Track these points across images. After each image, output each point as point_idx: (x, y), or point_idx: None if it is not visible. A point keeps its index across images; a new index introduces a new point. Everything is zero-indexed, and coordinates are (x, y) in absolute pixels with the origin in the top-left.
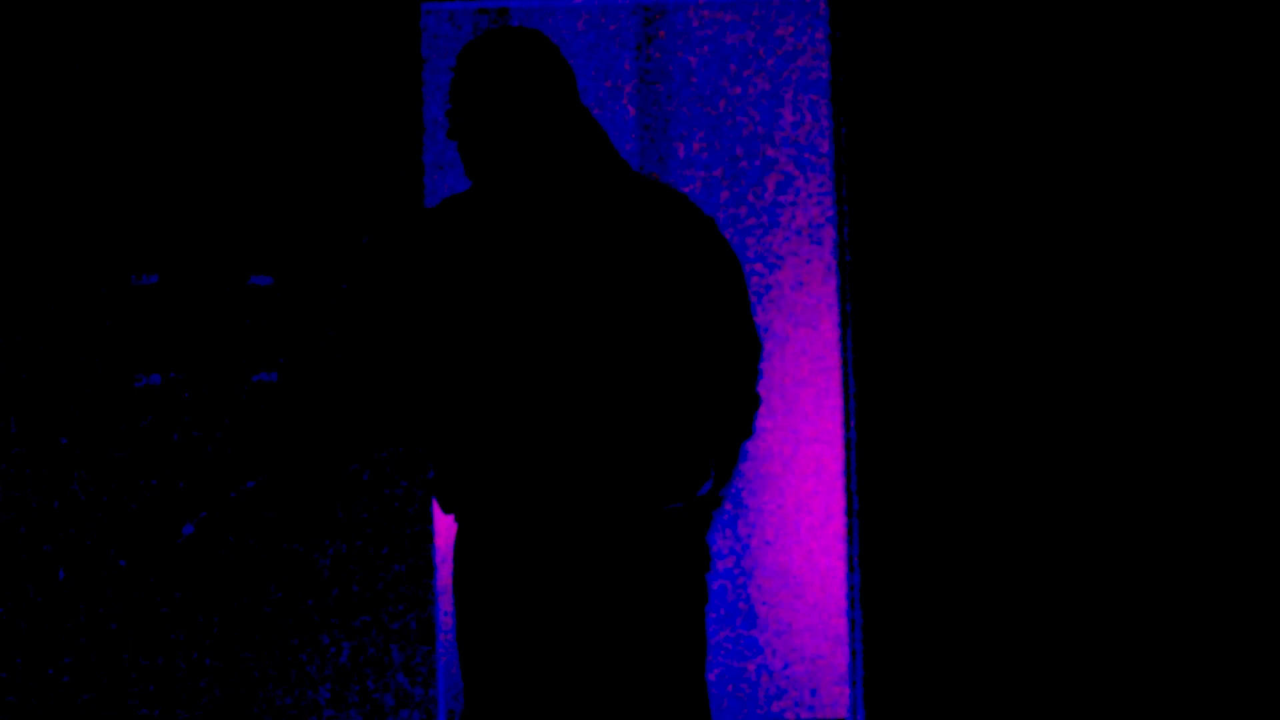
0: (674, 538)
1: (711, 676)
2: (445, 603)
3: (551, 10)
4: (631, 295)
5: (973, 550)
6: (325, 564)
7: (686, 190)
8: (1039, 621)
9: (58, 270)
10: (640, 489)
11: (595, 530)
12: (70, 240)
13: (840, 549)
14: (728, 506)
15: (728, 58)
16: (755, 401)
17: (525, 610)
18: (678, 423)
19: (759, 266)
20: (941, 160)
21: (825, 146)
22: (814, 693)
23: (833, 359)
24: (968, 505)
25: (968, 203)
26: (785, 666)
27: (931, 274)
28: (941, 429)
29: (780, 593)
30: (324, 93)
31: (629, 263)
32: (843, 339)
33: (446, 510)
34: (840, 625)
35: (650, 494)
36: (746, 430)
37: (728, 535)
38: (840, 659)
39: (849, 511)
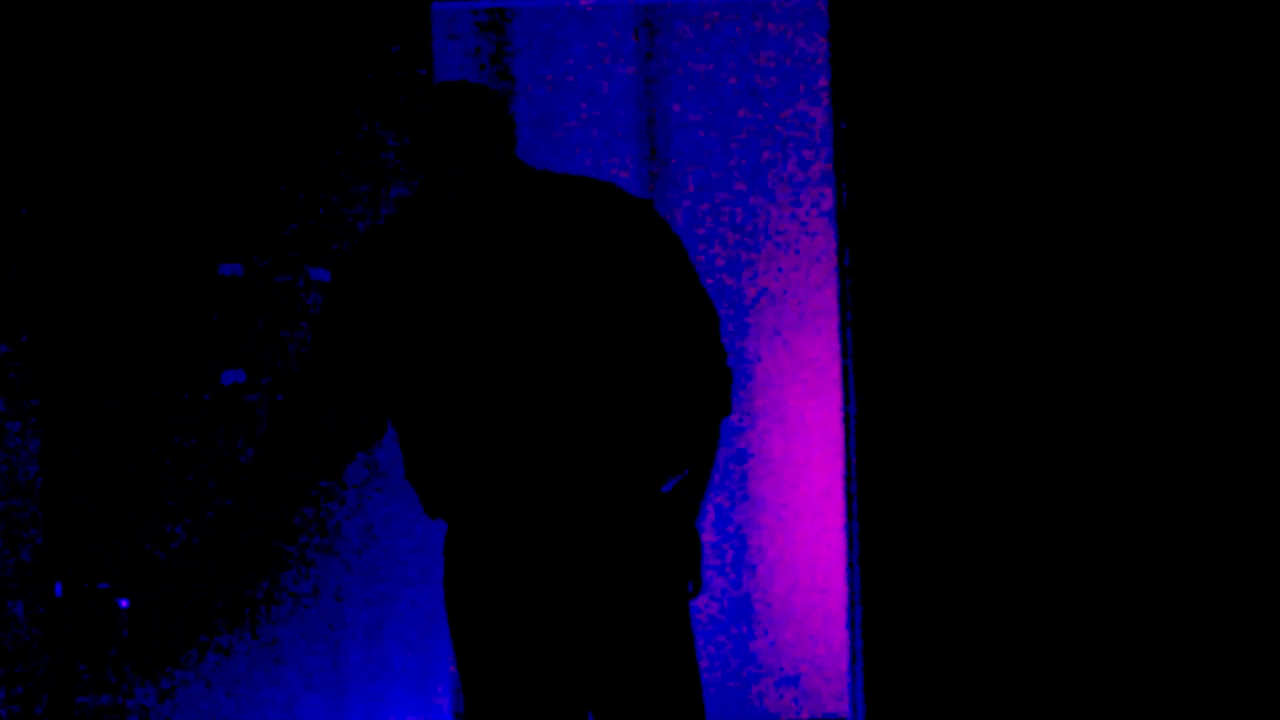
0: (662, 524)
1: (712, 676)
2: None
3: (551, 10)
4: (595, 282)
5: (973, 550)
6: (332, 559)
7: (687, 190)
8: (1039, 621)
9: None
10: (624, 473)
11: (582, 519)
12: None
13: (840, 549)
14: (726, 505)
15: (728, 58)
16: (728, 375)
17: (518, 604)
18: (654, 402)
19: (759, 266)
20: (941, 160)
21: (825, 146)
22: (814, 693)
23: (833, 359)
24: (968, 505)
25: (968, 203)
26: (785, 666)
27: (931, 274)
28: (941, 429)
29: (780, 591)
30: (337, 88)
31: (588, 251)
32: (843, 339)
33: (433, 516)
34: (840, 625)
35: (634, 477)
36: (725, 406)
37: (728, 533)
38: (840, 659)
39: (849, 511)
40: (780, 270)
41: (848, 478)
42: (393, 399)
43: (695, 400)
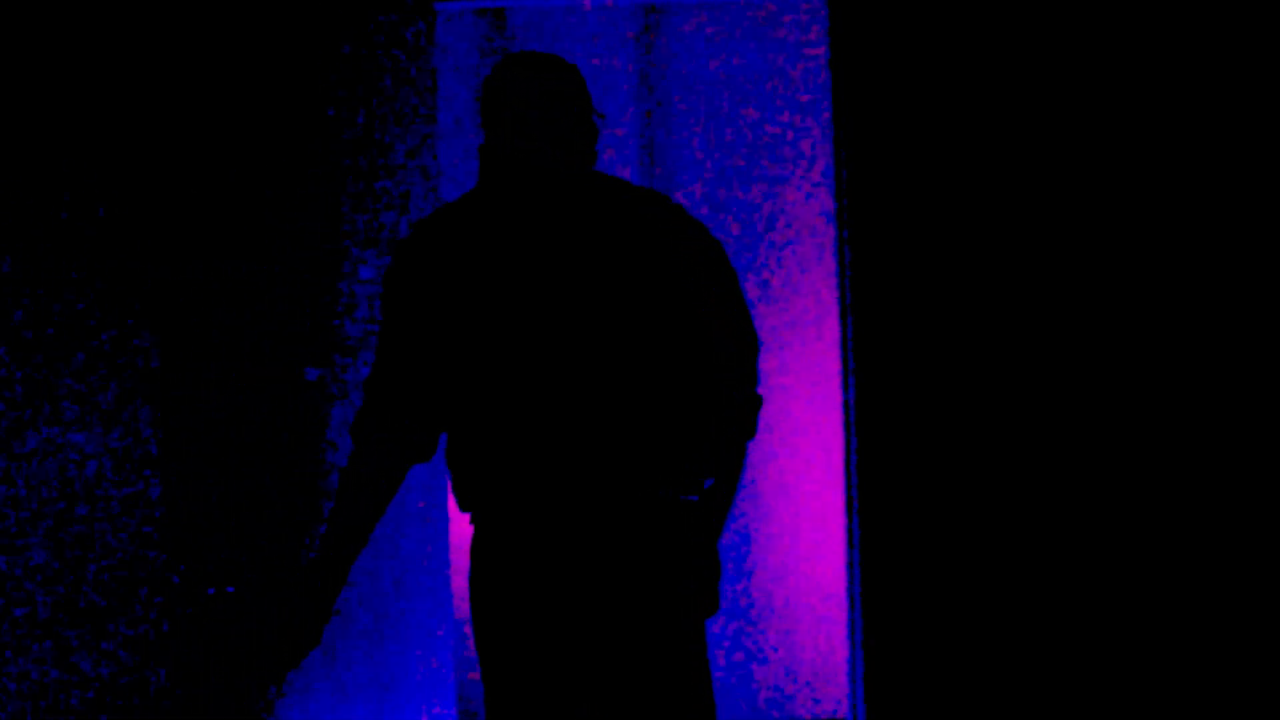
0: (684, 539)
1: (713, 677)
2: (460, 601)
3: (551, 10)
4: (640, 296)
5: (973, 550)
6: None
7: (686, 190)
8: (1039, 621)
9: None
10: (650, 485)
11: (608, 527)
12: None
13: (840, 549)
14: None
15: (728, 58)
16: (757, 401)
17: (542, 607)
18: (686, 420)
19: (759, 266)
20: (941, 160)
21: (825, 146)
22: (814, 693)
23: (833, 359)
24: (968, 505)
25: (968, 203)
26: (785, 666)
27: (931, 274)
28: (941, 429)
29: (780, 592)
30: (341, 88)
31: (636, 264)
32: (843, 339)
33: (464, 509)
34: (840, 625)
35: (660, 490)
36: (750, 429)
37: (728, 534)
38: (840, 659)
39: (849, 511)
40: (780, 270)
41: (848, 478)
42: (444, 386)
43: (726, 422)
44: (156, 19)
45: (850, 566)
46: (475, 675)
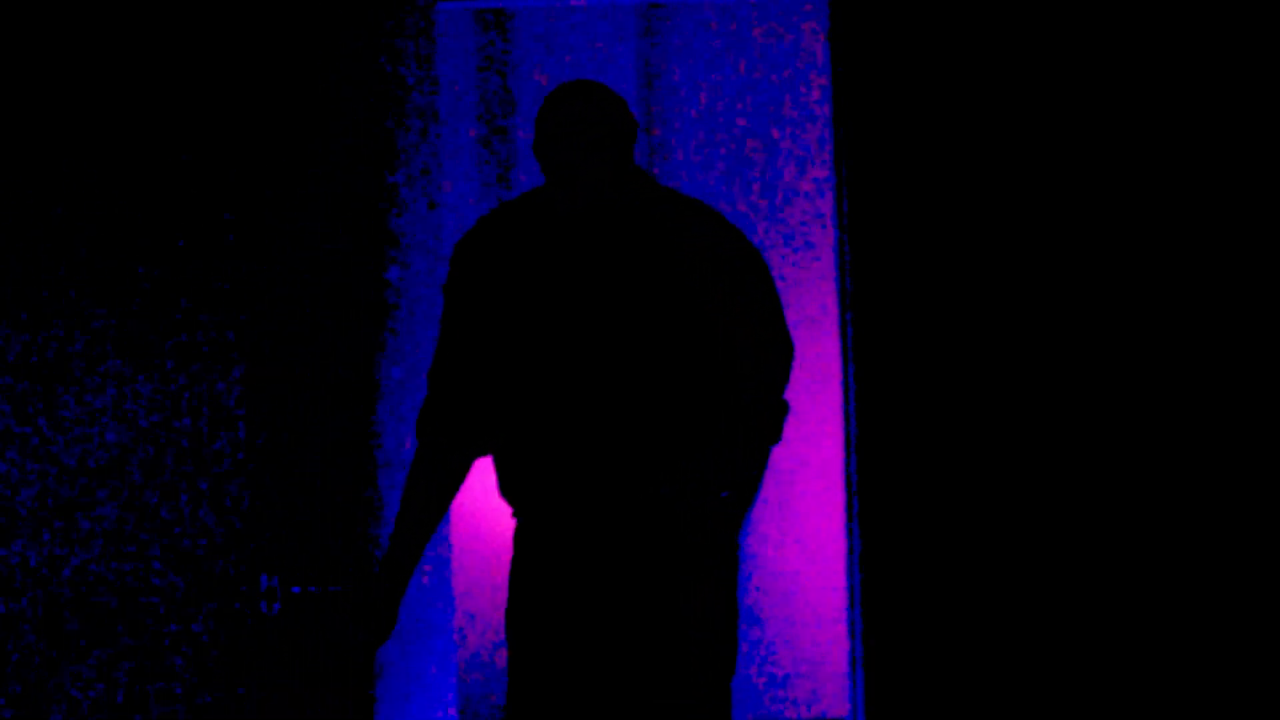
0: (712, 540)
1: None
2: (462, 604)
3: (552, 10)
4: (664, 304)
5: (973, 551)
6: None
7: (687, 190)
8: (1039, 622)
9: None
10: (668, 484)
11: (630, 524)
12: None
13: (840, 549)
14: None
15: (728, 57)
16: (783, 407)
17: (571, 596)
18: (718, 427)
19: None
20: (942, 160)
21: (825, 146)
22: (814, 693)
23: (833, 359)
24: (968, 506)
25: (968, 203)
26: (785, 666)
27: (932, 275)
28: (942, 430)
29: (780, 593)
30: (340, 88)
31: (677, 272)
32: (843, 339)
33: (508, 502)
34: (840, 625)
35: (676, 489)
36: (774, 434)
37: None
38: (840, 659)
39: (849, 511)
40: (780, 271)
41: (848, 478)
42: (493, 386)
43: (754, 428)
44: (157, 20)
45: (850, 566)
46: (476, 677)
